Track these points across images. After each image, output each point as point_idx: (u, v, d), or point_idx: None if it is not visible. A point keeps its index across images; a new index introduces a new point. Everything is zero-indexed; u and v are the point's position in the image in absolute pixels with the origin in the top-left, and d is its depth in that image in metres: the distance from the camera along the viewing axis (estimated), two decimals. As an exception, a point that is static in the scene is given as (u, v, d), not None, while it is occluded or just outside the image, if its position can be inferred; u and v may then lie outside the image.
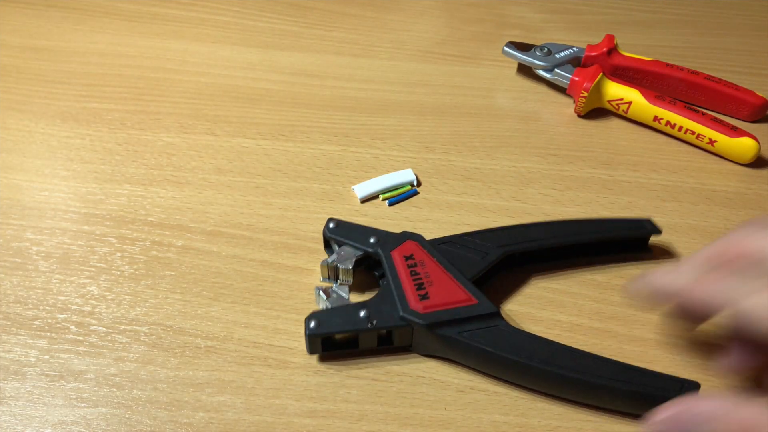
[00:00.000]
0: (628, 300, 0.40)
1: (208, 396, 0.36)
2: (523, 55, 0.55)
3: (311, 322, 0.36)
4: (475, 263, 0.39)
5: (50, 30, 0.60)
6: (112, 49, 0.58)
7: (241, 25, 0.61)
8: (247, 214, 0.45)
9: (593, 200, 0.46)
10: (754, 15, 0.63)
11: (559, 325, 0.39)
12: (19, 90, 0.54)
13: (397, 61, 0.58)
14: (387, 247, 0.39)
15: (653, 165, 0.49)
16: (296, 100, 0.54)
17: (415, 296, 0.37)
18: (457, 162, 0.49)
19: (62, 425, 0.35)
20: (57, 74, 0.56)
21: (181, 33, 0.60)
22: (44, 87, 0.54)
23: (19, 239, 0.44)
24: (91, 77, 0.55)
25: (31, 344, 0.38)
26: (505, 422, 0.35)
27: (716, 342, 0.38)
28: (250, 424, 0.35)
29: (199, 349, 0.38)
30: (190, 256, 0.43)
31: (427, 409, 0.36)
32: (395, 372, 0.37)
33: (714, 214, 0.46)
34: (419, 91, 0.55)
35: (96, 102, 0.53)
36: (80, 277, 0.42)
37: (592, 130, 0.52)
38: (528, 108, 0.54)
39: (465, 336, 0.35)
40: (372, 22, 0.62)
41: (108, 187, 0.47)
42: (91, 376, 0.37)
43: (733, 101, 0.52)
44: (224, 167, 0.48)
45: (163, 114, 0.52)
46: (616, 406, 0.35)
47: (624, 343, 0.38)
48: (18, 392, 0.36)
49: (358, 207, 0.46)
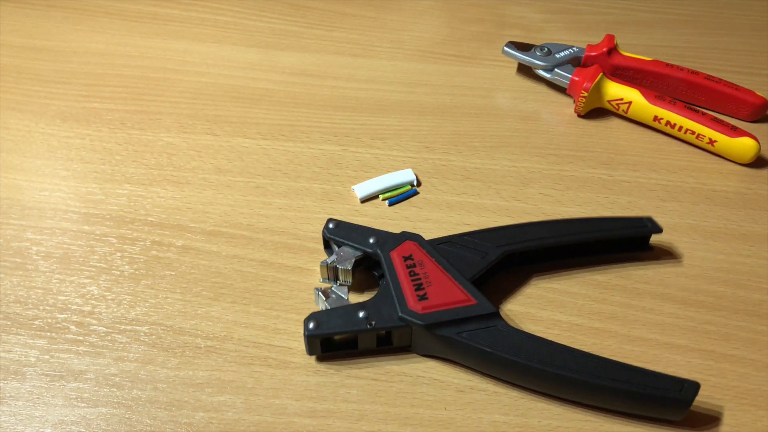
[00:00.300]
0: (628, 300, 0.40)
1: (208, 396, 0.36)
2: (523, 55, 0.55)
3: (310, 323, 0.36)
4: (474, 263, 0.39)
5: (50, 30, 0.60)
6: (112, 49, 0.58)
7: (241, 25, 0.61)
8: (247, 214, 0.45)
9: (593, 200, 0.46)
10: (754, 15, 0.63)
11: (558, 325, 0.39)
12: (19, 90, 0.54)
13: (397, 61, 0.58)
14: (386, 247, 0.39)
15: (653, 165, 0.49)
16: (296, 100, 0.54)
17: (414, 297, 0.37)
18: (457, 162, 0.49)
19: (62, 425, 0.35)
20: (57, 74, 0.56)
21: (181, 33, 0.60)
22: (44, 87, 0.54)
23: (19, 239, 0.44)
24: (91, 77, 0.55)
25: (31, 344, 0.38)
26: (505, 422, 0.35)
27: (717, 340, 0.38)
28: (250, 424, 0.35)
29: (199, 349, 0.38)
30: (190, 256, 0.43)
31: (426, 409, 0.36)
32: (395, 372, 0.37)
33: (714, 214, 0.46)
34: (419, 91, 0.55)
35: (96, 102, 0.53)
36: (80, 277, 0.42)
37: (592, 130, 0.52)
38: (528, 108, 0.54)
39: (464, 336, 0.35)
40: (372, 22, 0.62)
41: (108, 187, 0.47)
42: (91, 376, 0.37)
43: (733, 101, 0.52)
44: (224, 167, 0.48)
45: (163, 114, 0.52)
46: (616, 407, 0.35)
47: (624, 343, 0.38)
48: (18, 392, 0.36)
49: (358, 207, 0.46)
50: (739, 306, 0.40)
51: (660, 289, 0.41)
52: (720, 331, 0.39)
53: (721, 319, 0.40)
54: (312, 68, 0.57)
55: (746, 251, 0.43)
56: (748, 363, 0.38)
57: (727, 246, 0.43)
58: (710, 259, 0.43)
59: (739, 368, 0.37)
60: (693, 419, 0.35)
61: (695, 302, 0.40)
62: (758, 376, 0.37)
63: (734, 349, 0.38)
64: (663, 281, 0.41)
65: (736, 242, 0.44)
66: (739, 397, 0.36)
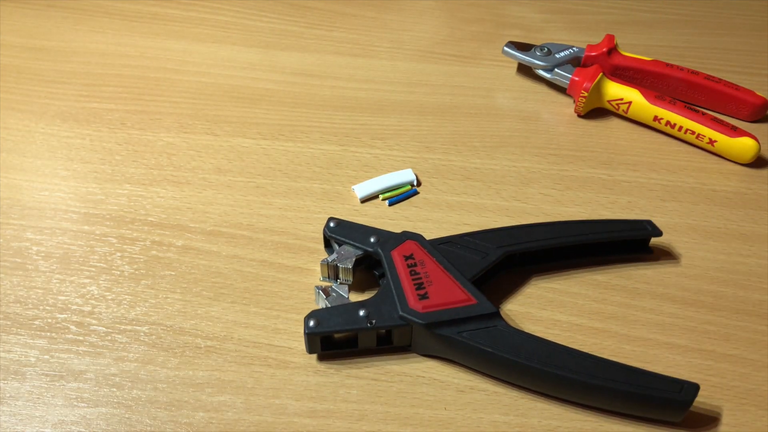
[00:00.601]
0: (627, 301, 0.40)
1: (208, 396, 0.36)
2: (523, 55, 0.55)
3: (310, 321, 0.36)
4: (475, 263, 0.39)
5: (50, 30, 0.60)
6: (112, 49, 0.58)
7: (241, 25, 0.61)
8: (247, 214, 0.45)
9: (593, 200, 0.46)
10: (754, 15, 0.63)
11: (558, 325, 0.39)
12: (19, 90, 0.54)
13: (397, 61, 0.58)
14: (387, 246, 0.39)
15: (653, 165, 0.49)
16: (296, 100, 0.54)
17: (414, 296, 0.37)
18: (457, 162, 0.49)
19: (62, 425, 0.35)
20: (57, 74, 0.56)
21: (181, 33, 0.60)
22: (44, 87, 0.54)
23: (19, 239, 0.44)
24: (91, 77, 0.55)
25: (31, 344, 0.38)
26: (505, 422, 0.35)
27: (717, 340, 0.38)
28: (250, 424, 0.35)
29: (199, 348, 0.38)
30: (190, 256, 0.43)
31: (427, 409, 0.36)
32: (395, 372, 0.37)
33: (714, 214, 0.46)
34: (419, 91, 0.55)
35: (96, 102, 0.53)
36: (80, 277, 0.42)
37: (592, 130, 0.52)
38: (528, 108, 0.54)
39: (464, 336, 0.35)
40: (372, 22, 0.62)
41: (108, 186, 0.47)
42: (91, 375, 0.37)
43: (733, 101, 0.52)
44: (224, 167, 0.48)
45: (163, 114, 0.52)
46: (615, 407, 0.35)
47: (624, 343, 0.38)
48: (18, 392, 0.36)
49: (358, 207, 0.46)
50: (739, 306, 0.40)
51: (660, 289, 0.41)
52: (720, 331, 0.39)
53: (721, 319, 0.40)
54: (312, 68, 0.57)
55: (746, 251, 0.43)
56: (748, 363, 0.38)
57: (727, 246, 0.43)
58: (710, 259, 0.43)
59: (739, 368, 0.37)
60: (692, 419, 0.35)
61: (695, 302, 0.40)
62: (758, 376, 0.37)
63: (734, 349, 0.38)
64: (663, 281, 0.41)
65: (736, 242, 0.44)
66: (738, 397, 0.36)
